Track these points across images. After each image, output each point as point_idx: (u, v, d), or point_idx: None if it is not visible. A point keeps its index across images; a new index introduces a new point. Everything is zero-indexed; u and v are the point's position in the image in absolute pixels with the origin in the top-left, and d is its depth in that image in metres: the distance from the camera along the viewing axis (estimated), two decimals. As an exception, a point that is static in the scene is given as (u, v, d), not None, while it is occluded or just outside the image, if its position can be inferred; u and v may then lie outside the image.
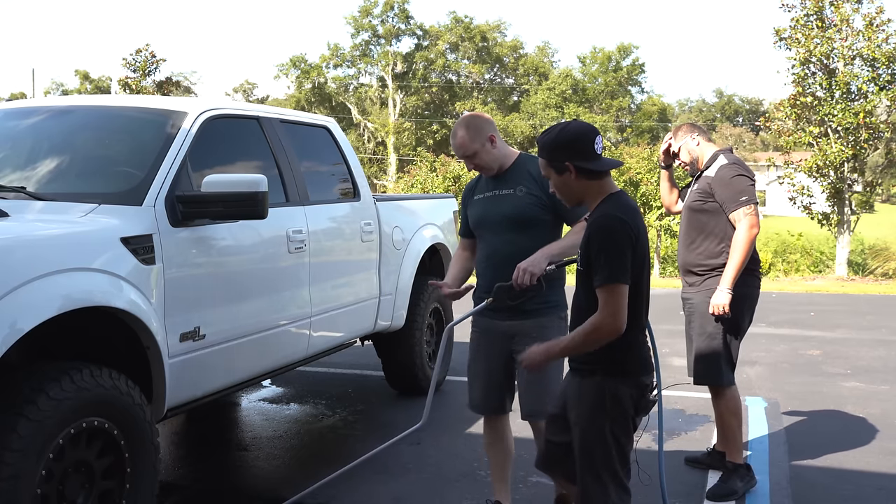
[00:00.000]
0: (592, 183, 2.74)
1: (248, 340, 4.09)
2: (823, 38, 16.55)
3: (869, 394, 6.30)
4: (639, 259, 2.70)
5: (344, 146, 5.55)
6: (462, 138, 3.55)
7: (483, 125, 3.57)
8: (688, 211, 4.34)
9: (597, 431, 2.74)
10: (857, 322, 9.94)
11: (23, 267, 2.86)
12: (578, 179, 2.73)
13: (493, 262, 3.53)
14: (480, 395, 3.69)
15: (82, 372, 2.99)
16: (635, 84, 63.97)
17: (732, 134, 60.32)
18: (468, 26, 59.84)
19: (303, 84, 58.47)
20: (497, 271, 3.46)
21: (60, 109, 4.50)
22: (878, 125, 16.21)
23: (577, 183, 2.74)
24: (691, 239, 4.29)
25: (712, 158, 4.28)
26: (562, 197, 2.85)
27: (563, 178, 2.76)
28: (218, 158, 4.23)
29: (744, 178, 4.14)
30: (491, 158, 3.57)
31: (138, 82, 24.84)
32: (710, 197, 4.19)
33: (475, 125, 3.56)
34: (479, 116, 3.63)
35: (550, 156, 2.76)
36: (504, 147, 3.63)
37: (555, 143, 2.74)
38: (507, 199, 3.54)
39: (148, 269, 3.40)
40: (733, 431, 4.26)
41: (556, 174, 2.77)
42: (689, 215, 4.31)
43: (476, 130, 3.54)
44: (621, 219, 2.66)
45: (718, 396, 4.30)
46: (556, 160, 2.75)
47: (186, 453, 5.14)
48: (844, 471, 4.56)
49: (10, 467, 2.67)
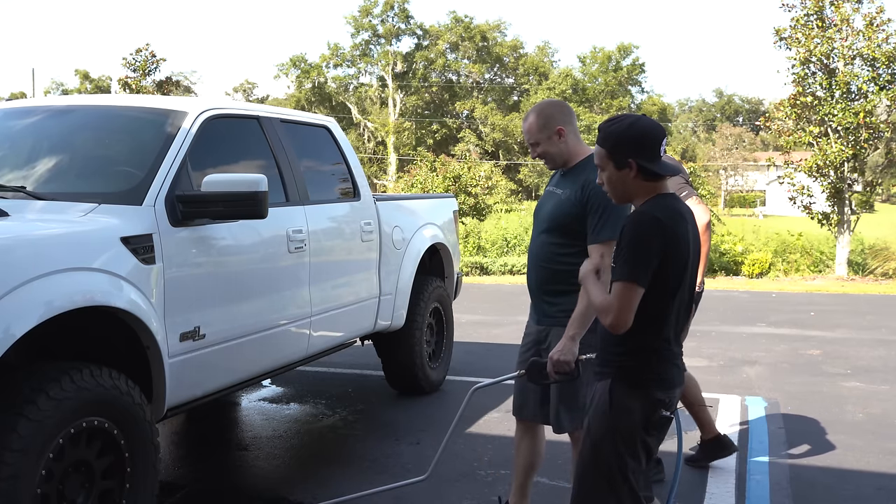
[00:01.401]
0: (649, 184, 2.63)
1: (248, 340, 4.09)
2: (823, 38, 16.53)
3: (869, 394, 6.30)
4: (676, 267, 2.59)
5: (344, 146, 5.55)
6: (530, 125, 3.38)
7: (555, 115, 3.37)
8: None
9: (602, 440, 2.64)
10: (857, 322, 9.94)
11: (23, 266, 2.86)
12: (637, 179, 2.62)
13: (531, 259, 3.49)
14: (517, 401, 3.60)
15: (82, 372, 2.99)
16: (635, 84, 64.08)
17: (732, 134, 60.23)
18: (468, 26, 59.85)
19: (303, 84, 58.51)
20: (532, 271, 3.43)
21: (60, 109, 4.50)
22: (878, 125, 16.19)
23: (634, 182, 2.62)
24: None
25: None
26: (610, 191, 2.72)
27: (622, 174, 2.63)
28: (218, 158, 4.23)
29: None
30: (556, 151, 3.37)
31: (138, 82, 24.82)
32: None
33: (546, 114, 3.37)
34: (555, 105, 3.43)
35: (614, 148, 2.62)
36: (575, 143, 3.40)
37: (622, 136, 2.60)
38: (555, 198, 3.41)
39: (148, 269, 3.40)
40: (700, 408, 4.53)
41: (615, 168, 2.63)
42: None
43: (546, 119, 3.35)
44: (658, 218, 2.56)
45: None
46: (619, 154, 2.61)
47: (186, 453, 5.14)
48: (844, 470, 4.56)
49: (10, 467, 2.67)
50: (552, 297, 3.37)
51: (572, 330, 3.14)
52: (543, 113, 3.37)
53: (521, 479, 3.65)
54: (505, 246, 21.64)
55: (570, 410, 3.35)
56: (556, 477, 4.36)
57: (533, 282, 3.47)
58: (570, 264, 3.24)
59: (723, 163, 55.64)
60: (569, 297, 3.24)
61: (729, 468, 4.56)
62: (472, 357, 7.65)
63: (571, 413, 3.34)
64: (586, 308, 3.12)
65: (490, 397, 5.64)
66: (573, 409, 3.34)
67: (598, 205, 3.22)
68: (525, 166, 54.61)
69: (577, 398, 3.31)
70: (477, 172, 20.08)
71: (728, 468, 4.56)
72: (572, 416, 3.34)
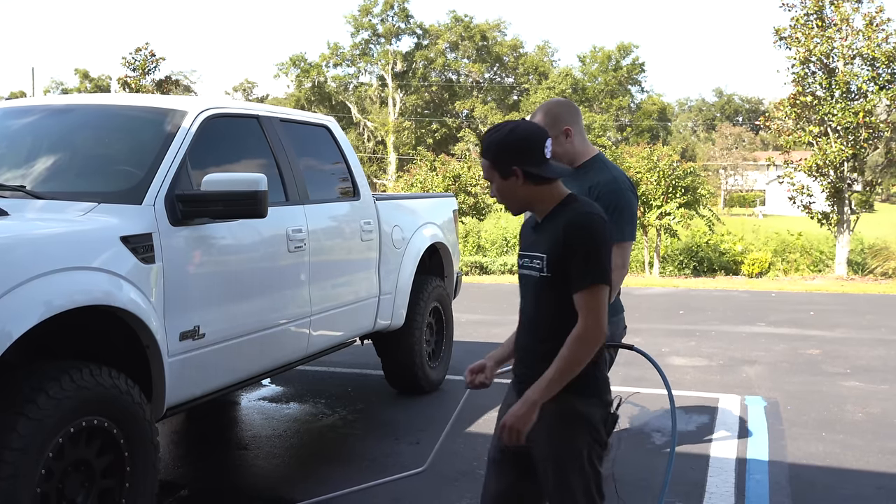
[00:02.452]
0: (542, 188, 2.53)
1: (247, 339, 4.09)
2: (823, 38, 16.54)
3: (868, 393, 6.30)
4: None
5: (344, 145, 5.55)
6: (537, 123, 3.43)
7: (562, 115, 3.34)
8: None
9: (574, 460, 2.49)
10: (856, 321, 9.94)
11: (23, 265, 2.86)
12: (526, 186, 2.52)
13: None
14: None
15: (82, 371, 2.99)
16: (635, 83, 64.03)
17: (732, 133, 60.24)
18: (468, 25, 59.84)
19: (302, 83, 58.49)
20: None
21: (60, 108, 4.50)
22: (877, 124, 16.20)
23: (524, 189, 2.53)
24: None
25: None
26: (505, 202, 2.62)
27: (509, 184, 2.53)
28: (218, 157, 4.23)
29: None
30: (562, 151, 3.32)
31: (138, 81, 24.85)
32: None
33: (554, 113, 3.34)
34: (563, 104, 3.41)
35: (497, 158, 2.53)
36: (581, 143, 3.38)
37: (503, 144, 2.52)
38: None
39: (148, 268, 3.40)
40: None
41: (502, 178, 2.54)
42: None
43: (553, 119, 3.32)
44: (603, 217, 2.50)
45: None
46: (502, 163, 2.52)
47: (186, 452, 5.14)
48: (844, 470, 4.56)
49: (9, 466, 2.67)
50: None
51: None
52: (551, 112, 3.35)
53: None
54: (504, 245, 21.65)
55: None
56: None
57: None
58: None
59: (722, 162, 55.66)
60: None
61: (728, 467, 4.56)
62: (471, 356, 7.63)
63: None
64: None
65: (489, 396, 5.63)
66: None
67: (607, 206, 3.19)
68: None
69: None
70: (477, 172, 20.07)
71: (728, 467, 4.56)
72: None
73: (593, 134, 51.27)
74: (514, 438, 2.46)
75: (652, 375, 6.78)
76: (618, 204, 3.21)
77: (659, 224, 17.00)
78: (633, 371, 6.51)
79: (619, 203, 3.22)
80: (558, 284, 2.48)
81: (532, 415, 2.45)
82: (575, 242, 2.44)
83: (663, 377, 3.27)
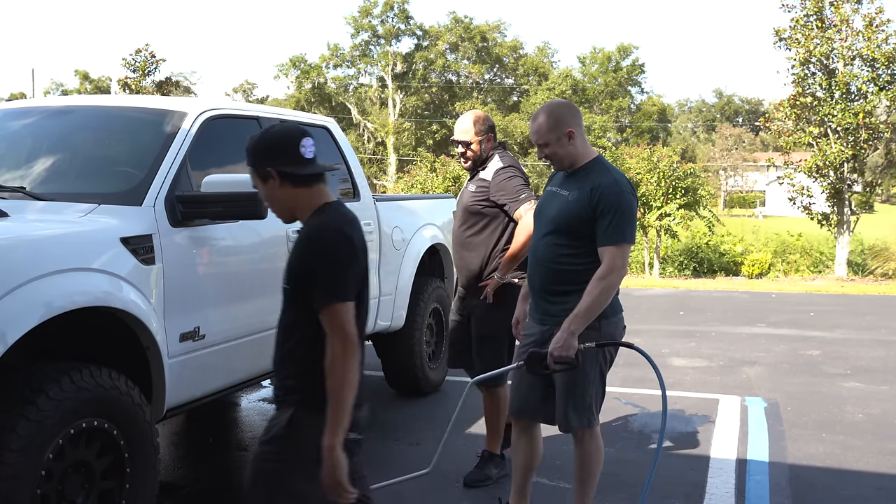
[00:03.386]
0: (300, 191, 2.45)
1: (247, 340, 4.09)
2: (823, 39, 16.55)
3: (868, 394, 6.30)
4: (361, 275, 2.46)
5: (344, 146, 5.55)
6: (540, 125, 3.37)
7: (565, 117, 3.36)
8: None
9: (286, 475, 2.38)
10: (856, 322, 9.94)
11: (23, 267, 2.86)
12: (283, 187, 2.44)
13: (535, 260, 3.48)
14: (515, 402, 3.61)
15: (82, 372, 2.99)
16: (635, 84, 64.00)
17: (732, 134, 60.27)
18: (468, 26, 59.84)
19: (302, 84, 58.48)
20: (535, 271, 3.44)
21: (60, 109, 4.50)
22: (877, 125, 16.21)
23: (283, 192, 2.45)
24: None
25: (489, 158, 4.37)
26: (273, 209, 2.54)
27: (268, 187, 2.45)
28: (218, 158, 4.23)
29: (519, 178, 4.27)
30: (564, 153, 3.37)
31: (138, 82, 24.84)
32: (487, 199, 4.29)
33: (556, 115, 3.36)
34: (565, 106, 3.44)
35: (254, 162, 2.46)
36: (583, 145, 3.40)
37: (257, 147, 2.46)
38: (560, 200, 3.40)
39: (148, 270, 3.40)
40: (500, 424, 4.41)
41: (262, 182, 2.46)
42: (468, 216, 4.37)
43: (556, 120, 3.34)
44: (341, 231, 2.40)
45: (489, 393, 4.42)
46: (259, 166, 2.45)
47: (186, 453, 5.14)
48: (844, 471, 4.55)
49: (9, 467, 2.67)
50: (556, 297, 3.38)
51: (574, 325, 3.20)
52: (554, 114, 3.37)
53: (521, 480, 3.67)
54: (505, 246, 21.58)
55: (578, 409, 3.37)
56: (556, 477, 4.36)
57: (537, 282, 3.47)
58: (574, 265, 3.32)
59: (722, 163, 55.69)
60: (573, 297, 3.26)
61: (729, 468, 4.56)
62: (471, 357, 7.63)
63: (579, 412, 3.37)
64: (589, 306, 3.20)
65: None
66: (581, 408, 3.37)
67: (608, 208, 3.26)
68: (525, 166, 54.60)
69: (585, 397, 3.36)
70: (477, 173, 20.07)
71: (728, 468, 4.56)
72: (580, 415, 3.37)
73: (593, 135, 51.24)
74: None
75: (652, 376, 6.77)
76: (619, 206, 3.26)
77: (659, 225, 17.00)
78: (634, 372, 6.51)
79: (620, 205, 3.26)
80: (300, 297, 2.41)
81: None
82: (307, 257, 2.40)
83: (659, 377, 3.31)
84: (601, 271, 3.23)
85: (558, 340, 3.20)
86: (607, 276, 3.22)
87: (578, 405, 3.37)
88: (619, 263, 3.23)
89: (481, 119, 4.34)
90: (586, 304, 3.20)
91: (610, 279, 3.22)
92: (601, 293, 3.22)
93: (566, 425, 3.42)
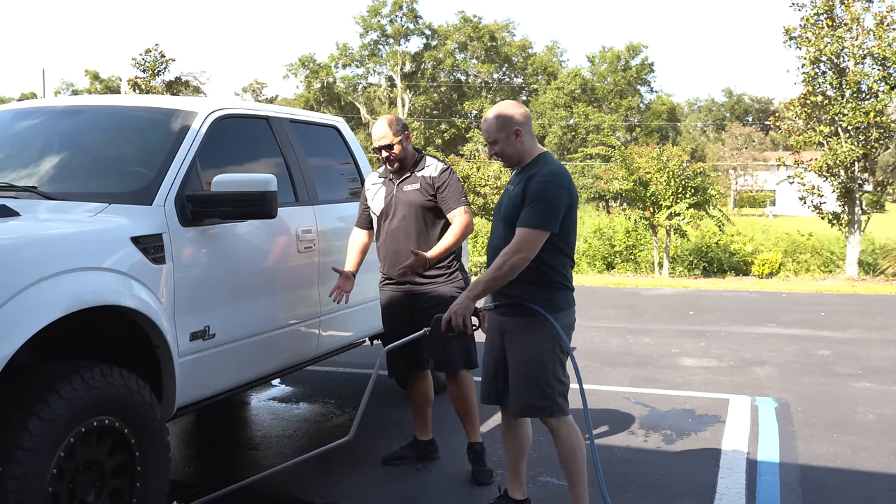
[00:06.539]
0: None
1: (257, 340, 4.10)
2: (834, 37, 16.45)
3: (880, 394, 6.27)
4: None
5: (353, 146, 5.56)
6: (489, 124, 3.59)
7: (514, 117, 3.56)
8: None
9: None
10: (867, 322, 9.89)
11: (33, 266, 2.87)
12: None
13: (490, 250, 3.65)
14: (482, 387, 3.81)
15: (93, 371, 3.00)
16: (644, 83, 63.91)
17: (742, 133, 60.06)
18: (477, 26, 59.85)
19: (312, 84, 58.63)
20: (491, 259, 3.58)
21: (71, 109, 4.51)
22: (888, 124, 16.10)
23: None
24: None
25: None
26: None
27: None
28: (227, 158, 4.24)
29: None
30: (512, 151, 3.59)
31: (148, 82, 24.90)
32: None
33: (505, 115, 3.57)
34: (513, 107, 3.63)
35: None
36: (531, 144, 3.61)
37: None
38: (508, 194, 3.63)
39: (158, 269, 3.41)
40: (471, 410, 4.47)
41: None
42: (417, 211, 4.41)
43: (504, 121, 3.56)
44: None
45: (454, 382, 4.46)
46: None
47: (196, 452, 5.15)
48: (855, 472, 4.53)
49: (21, 465, 2.68)
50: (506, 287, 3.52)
51: (474, 291, 3.49)
52: (503, 114, 3.59)
53: (514, 465, 3.82)
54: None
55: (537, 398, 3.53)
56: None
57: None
58: None
59: (732, 163, 55.49)
60: (518, 287, 3.47)
61: (739, 468, 4.55)
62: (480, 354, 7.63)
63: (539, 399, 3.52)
64: (493, 277, 3.43)
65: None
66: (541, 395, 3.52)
67: (533, 194, 3.45)
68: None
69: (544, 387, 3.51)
70: (486, 172, 20.06)
71: (738, 468, 4.55)
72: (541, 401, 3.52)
73: (602, 134, 51.14)
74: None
75: (662, 376, 6.77)
76: (544, 194, 3.42)
77: (668, 224, 16.95)
78: (643, 371, 6.49)
79: (545, 193, 3.43)
80: None
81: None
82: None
83: (575, 368, 3.57)
84: (508, 248, 3.42)
85: (459, 303, 3.48)
86: (510, 255, 3.39)
87: (537, 394, 3.52)
88: (527, 247, 3.37)
89: (394, 121, 4.49)
90: (490, 275, 3.43)
91: (513, 260, 3.38)
92: (504, 268, 3.39)
93: (521, 411, 3.61)
